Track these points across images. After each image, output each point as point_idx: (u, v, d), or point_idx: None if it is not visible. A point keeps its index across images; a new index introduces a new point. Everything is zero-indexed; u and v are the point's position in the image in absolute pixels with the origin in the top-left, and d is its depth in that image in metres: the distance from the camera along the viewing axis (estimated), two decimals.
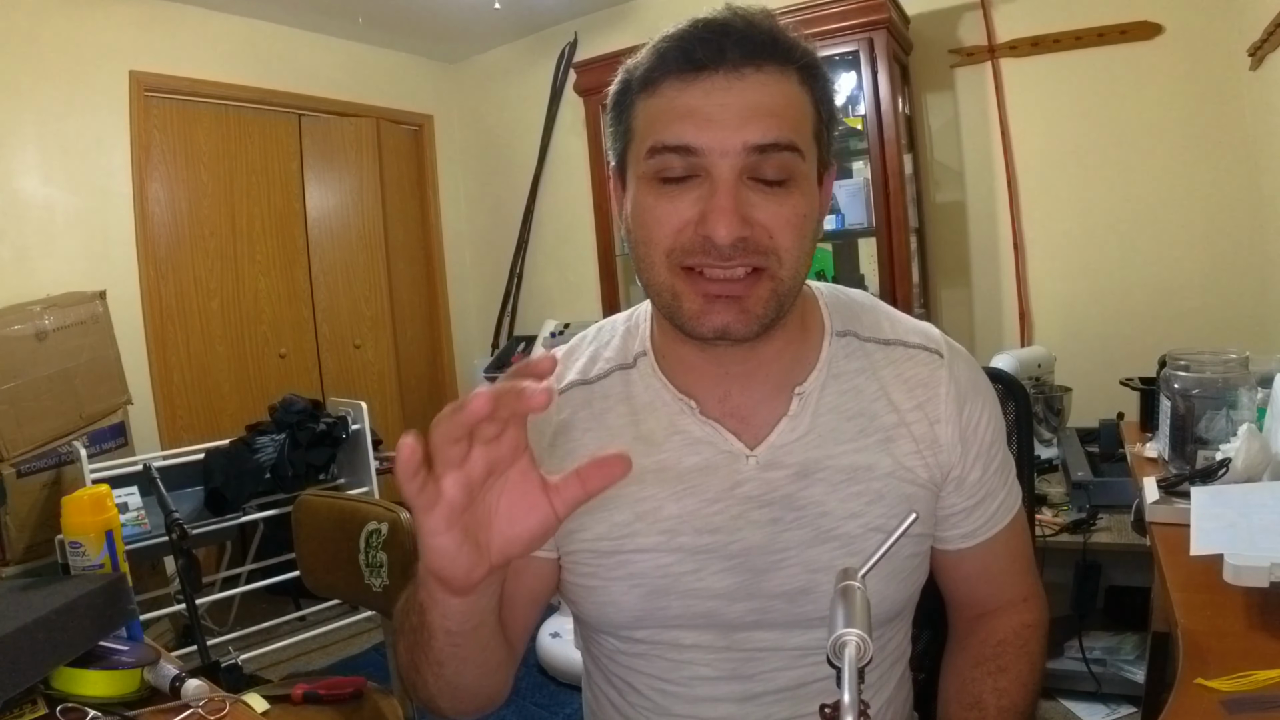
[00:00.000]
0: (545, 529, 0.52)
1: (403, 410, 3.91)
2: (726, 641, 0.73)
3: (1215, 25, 2.43)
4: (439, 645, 0.61)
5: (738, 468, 0.72)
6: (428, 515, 0.49)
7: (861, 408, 0.74)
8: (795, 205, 0.65)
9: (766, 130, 0.63)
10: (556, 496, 0.52)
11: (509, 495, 0.52)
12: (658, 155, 0.64)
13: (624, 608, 0.73)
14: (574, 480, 0.52)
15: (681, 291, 0.66)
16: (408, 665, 0.67)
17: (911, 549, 0.75)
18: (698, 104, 0.63)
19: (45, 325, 2.45)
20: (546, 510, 0.52)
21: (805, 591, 0.71)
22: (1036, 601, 0.83)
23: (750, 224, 0.63)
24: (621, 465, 0.50)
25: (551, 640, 2.39)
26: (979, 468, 0.76)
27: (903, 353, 0.76)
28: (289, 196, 3.56)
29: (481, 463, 0.49)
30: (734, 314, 0.65)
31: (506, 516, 0.52)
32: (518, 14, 3.55)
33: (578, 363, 0.79)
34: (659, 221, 0.65)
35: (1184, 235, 2.58)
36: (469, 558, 0.51)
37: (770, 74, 0.64)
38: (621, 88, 0.69)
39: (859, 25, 2.58)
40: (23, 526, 2.36)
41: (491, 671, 0.67)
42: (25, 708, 0.85)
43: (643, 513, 0.72)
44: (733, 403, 0.73)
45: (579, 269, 3.67)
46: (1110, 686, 2.00)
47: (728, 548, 0.72)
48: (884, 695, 0.78)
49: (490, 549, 0.52)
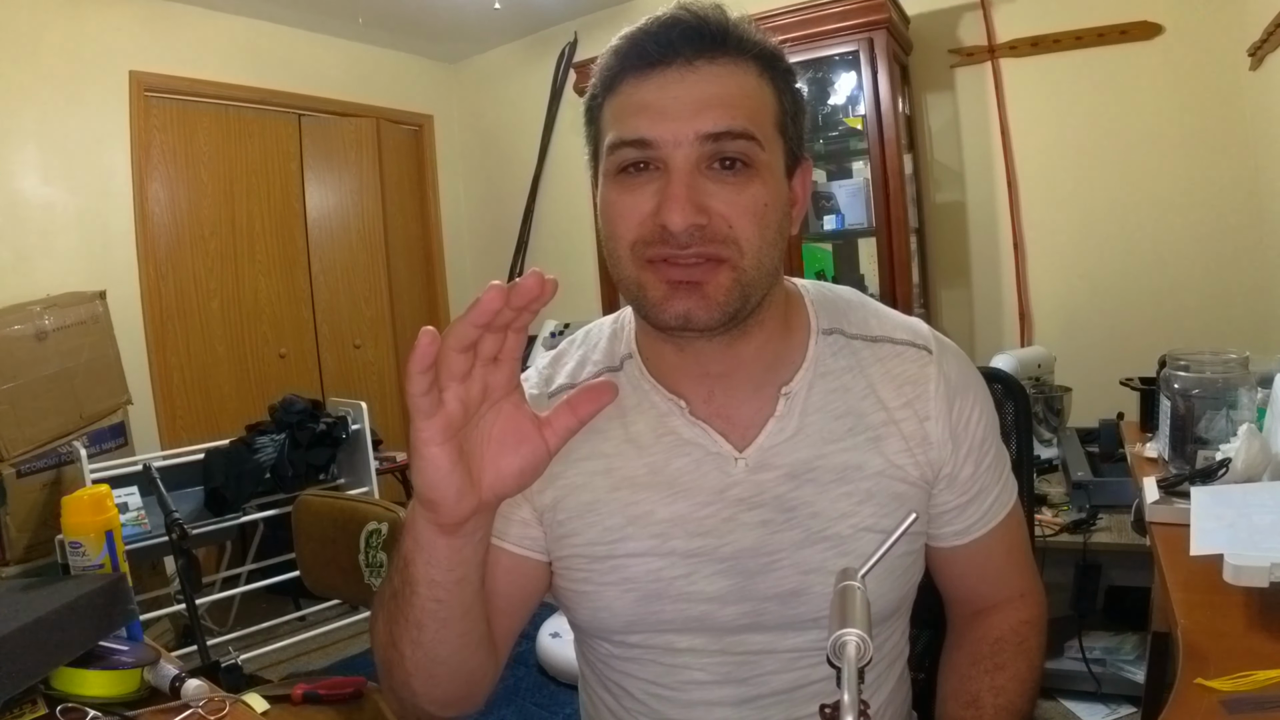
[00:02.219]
0: (536, 460, 0.55)
1: (403, 410, 3.88)
2: (720, 645, 0.73)
3: (1215, 25, 2.43)
4: (421, 601, 0.60)
5: (727, 470, 0.72)
6: (427, 421, 0.50)
7: (850, 406, 0.73)
8: (754, 194, 0.65)
9: (719, 119, 0.63)
10: (548, 428, 0.55)
11: (501, 425, 0.54)
12: (617, 150, 0.66)
13: (617, 612, 0.73)
14: (564, 409, 0.54)
15: (645, 281, 0.66)
16: (386, 643, 0.66)
17: (905, 547, 0.74)
18: (652, 98, 0.64)
19: (45, 325, 2.46)
20: (538, 441, 0.54)
21: (798, 593, 0.71)
22: (1034, 597, 0.83)
23: (707, 212, 0.63)
24: (610, 391, 0.54)
25: (551, 640, 2.39)
26: (971, 464, 0.76)
27: (890, 349, 0.76)
28: (289, 196, 3.57)
29: (479, 384, 0.51)
30: (694, 300, 0.65)
31: (499, 446, 0.54)
32: (518, 14, 3.55)
33: (566, 366, 0.79)
34: (621, 215, 0.66)
35: (1184, 235, 2.58)
36: (460, 480, 0.53)
37: (724, 65, 0.65)
38: (592, 92, 0.71)
39: (859, 25, 2.58)
40: (23, 526, 2.36)
41: (471, 647, 0.66)
42: (25, 708, 0.85)
43: (634, 517, 0.72)
44: (717, 403, 0.73)
45: (579, 269, 3.67)
46: (1110, 686, 2.00)
47: (719, 551, 0.71)
48: (882, 695, 0.78)
49: (481, 482, 0.54)
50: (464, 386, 0.51)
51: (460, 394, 0.51)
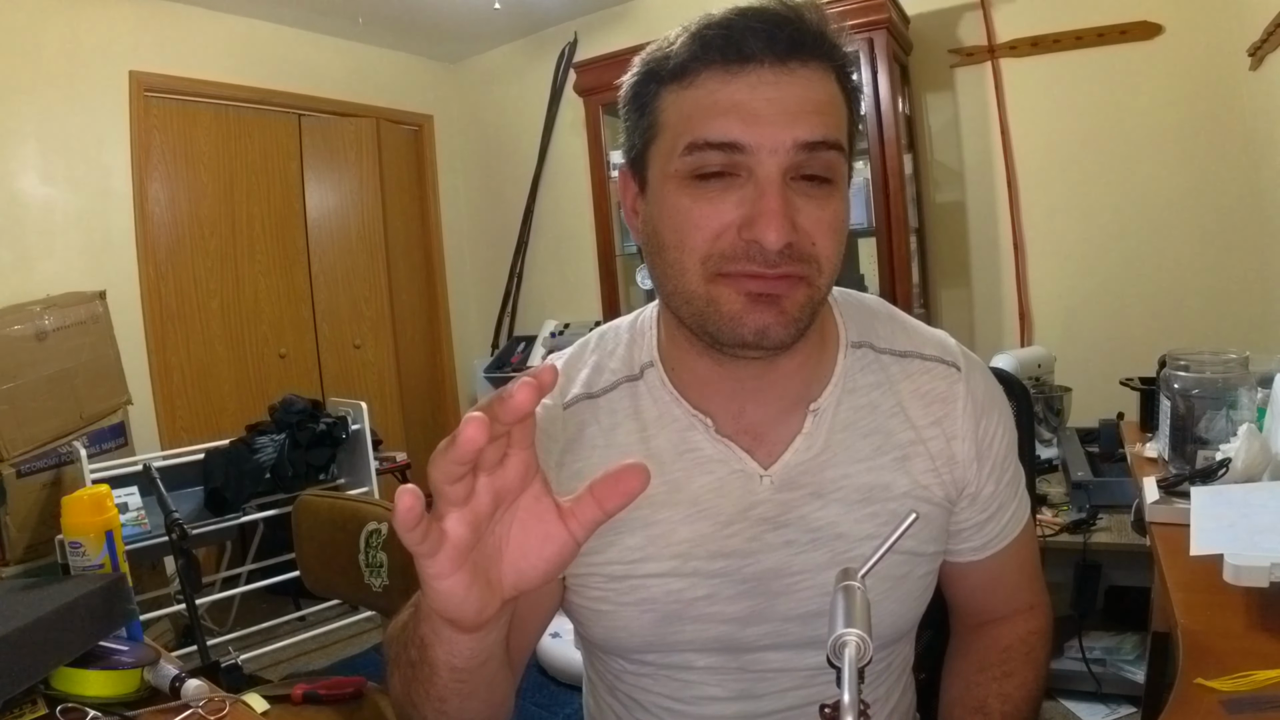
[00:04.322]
0: (563, 558, 0.47)
1: (403, 410, 3.91)
2: (738, 663, 0.71)
3: (1215, 25, 2.43)
4: (442, 682, 0.56)
5: (752, 488, 0.69)
6: (431, 561, 0.44)
7: (877, 424, 0.71)
8: (837, 209, 0.62)
9: (814, 128, 0.59)
10: (573, 520, 0.46)
11: (520, 524, 0.47)
12: (697, 152, 0.59)
13: (635, 632, 0.71)
14: (588, 501, 0.46)
15: (718, 296, 0.61)
16: (403, 699, 0.62)
17: (925, 568, 0.73)
18: (744, 98, 0.59)
19: (45, 325, 2.45)
20: (564, 537, 0.47)
21: (820, 614, 0.68)
22: (1043, 609, 0.83)
23: (795, 229, 0.59)
24: (639, 478, 0.45)
25: (551, 640, 2.39)
26: (993, 482, 0.75)
27: (919, 365, 0.74)
28: (289, 196, 3.56)
29: (487, 495, 0.44)
30: (773, 315, 0.61)
31: (519, 548, 0.47)
32: (518, 14, 3.55)
33: (581, 374, 0.75)
34: (696, 225, 0.60)
35: (1184, 235, 2.58)
36: (479, 598, 0.47)
37: (815, 70, 0.60)
38: (643, 78, 0.64)
39: (859, 25, 2.58)
40: (23, 526, 2.36)
41: (498, 705, 0.63)
42: (25, 708, 0.85)
43: (654, 536, 0.69)
44: (747, 419, 0.70)
45: (579, 269, 3.67)
46: (1110, 686, 2.00)
47: (741, 571, 0.69)
48: (889, 706, 0.78)
49: (502, 584, 0.48)
50: (469, 508, 0.43)
51: (465, 517, 0.43)
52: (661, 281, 0.66)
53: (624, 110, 0.67)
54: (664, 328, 0.73)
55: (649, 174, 0.65)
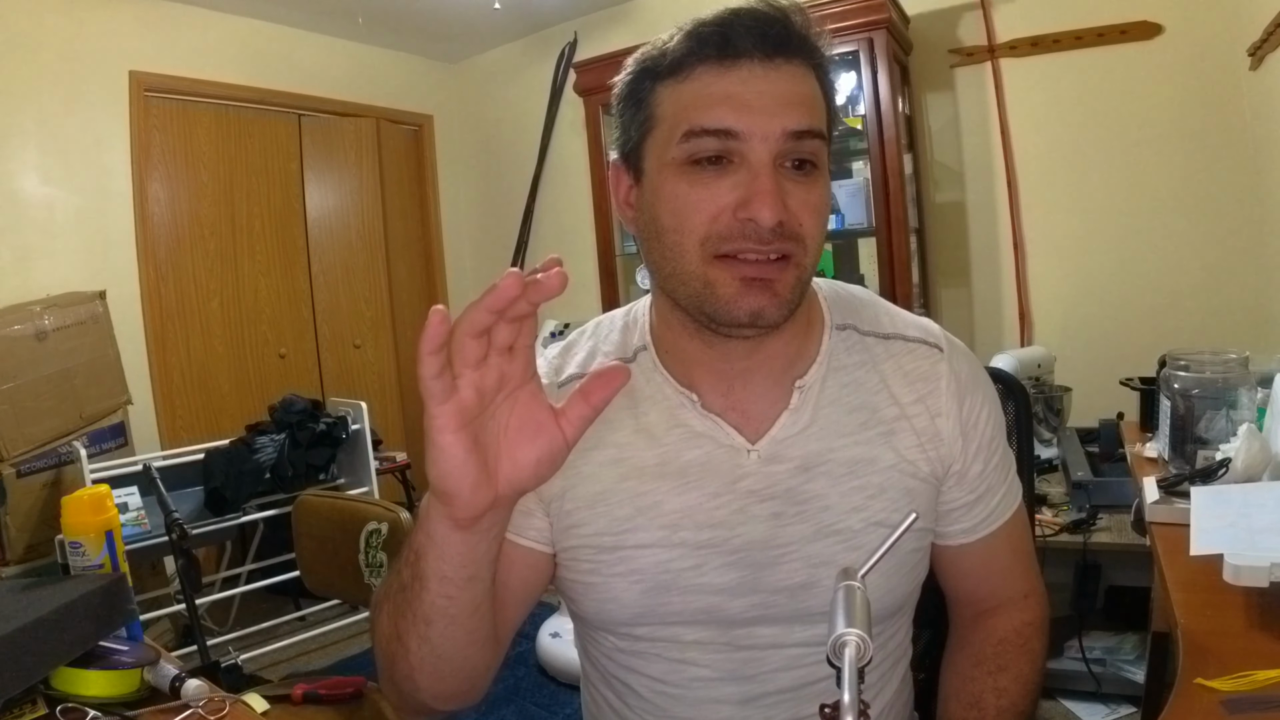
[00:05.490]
0: (554, 452, 0.53)
1: (403, 410, 3.91)
2: (728, 638, 0.73)
3: (1215, 25, 2.43)
4: (430, 597, 0.59)
5: (739, 462, 0.72)
6: (440, 407, 0.49)
7: (863, 401, 0.74)
8: (821, 193, 0.67)
9: (800, 118, 0.64)
10: (564, 418, 0.53)
11: (518, 416, 0.53)
12: (694, 139, 0.64)
13: (624, 604, 0.73)
14: (578, 398, 0.53)
15: (716, 278, 0.65)
16: (389, 636, 0.64)
17: (913, 544, 0.75)
18: (736, 90, 0.64)
19: (45, 325, 2.45)
20: (555, 432, 0.53)
21: (807, 586, 0.71)
22: (1037, 598, 0.83)
23: (786, 209, 0.64)
24: (621, 374, 0.52)
25: (551, 640, 2.39)
26: (980, 462, 0.76)
27: (902, 346, 0.76)
28: (289, 196, 3.56)
29: (495, 372, 0.50)
30: (766, 298, 0.65)
31: (515, 437, 0.53)
32: (518, 14, 3.55)
33: (576, 356, 0.79)
34: (694, 208, 0.65)
35: (1184, 235, 2.58)
36: (475, 471, 0.51)
37: (797, 66, 0.66)
38: (639, 75, 0.69)
39: (859, 25, 2.58)
40: (23, 526, 2.36)
41: (478, 644, 0.65)
42: (25, 708, 0.85)
43: (643, 507, 0.72)
44: (735, 397, 0.73)
45: (579, 269, 3.67)
46: (1110, 686, 2.00)
47: (729, 543, 0.71)
48: (885, 696, 0.78)
49: (498, 475, 0.53)
50: (479, 374, 0.49)
51: (475, 381, 0.49)
52: (659, 265, 0.69)
53: (619, 106, 0.72)
54: (657, 313, 0.76)
55: (645, 164, 0.69)
